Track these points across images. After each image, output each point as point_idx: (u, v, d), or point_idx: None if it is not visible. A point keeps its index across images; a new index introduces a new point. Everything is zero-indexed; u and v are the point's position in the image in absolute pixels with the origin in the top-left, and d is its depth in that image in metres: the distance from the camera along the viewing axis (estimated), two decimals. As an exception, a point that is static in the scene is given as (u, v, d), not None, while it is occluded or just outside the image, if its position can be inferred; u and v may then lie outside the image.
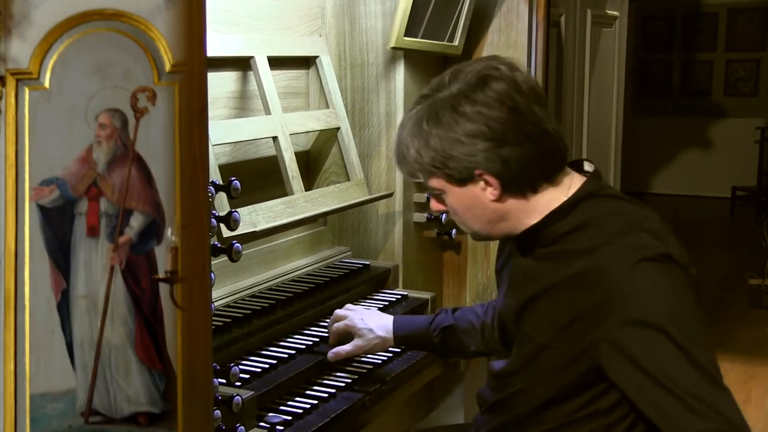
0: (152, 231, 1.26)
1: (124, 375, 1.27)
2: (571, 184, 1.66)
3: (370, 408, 1.98)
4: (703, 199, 9.55)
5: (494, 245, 2.75)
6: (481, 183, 1.61)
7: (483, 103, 1.56)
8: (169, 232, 1.25)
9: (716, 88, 9.82)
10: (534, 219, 1.64)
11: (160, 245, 1.25)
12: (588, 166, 1.71)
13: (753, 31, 9.53)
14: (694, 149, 9.84)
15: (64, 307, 1.26)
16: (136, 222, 1.26)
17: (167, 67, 1.24)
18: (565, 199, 1.63)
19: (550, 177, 1.63)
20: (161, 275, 1.25)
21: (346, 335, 2.09)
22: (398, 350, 2.18)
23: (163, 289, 1.25)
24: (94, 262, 1.26)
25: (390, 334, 2.09)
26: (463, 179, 1.61)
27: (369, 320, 2.11)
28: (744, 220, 8.44)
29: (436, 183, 1.66)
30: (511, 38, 2.70)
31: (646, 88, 10.07)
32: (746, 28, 9.58)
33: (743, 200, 8.97)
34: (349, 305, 2.20)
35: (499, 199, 1.62)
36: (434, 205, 1.75)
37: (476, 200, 1.64)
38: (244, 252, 1.78)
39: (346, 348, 2.05)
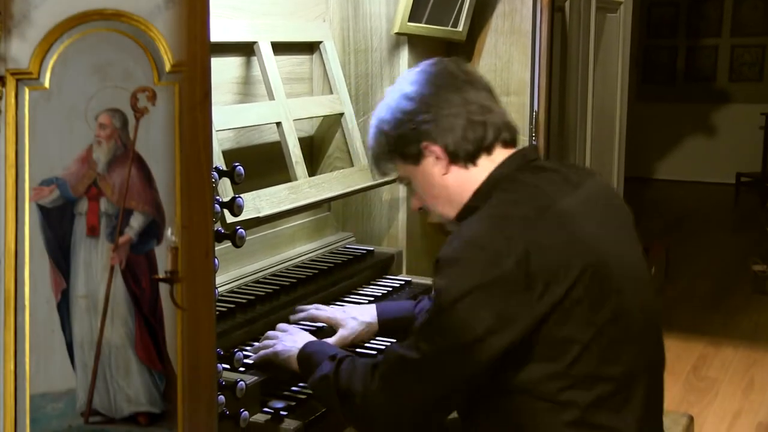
0: (152, 231, 1.26)
1: (124, 375, 1.27)
2: (502, 157, 1.71)
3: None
4: (707, 185, 9.53)
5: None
6: (432, 157, 1.71)
7: (419, 82, 1.73)
8: (169, 232, 1.25)
9: (721, 74, 9.78)
10: (474, 189, 1.71)
11: (160, 245, 1.25)
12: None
13: (758, 17, 9.48)
14: (698, 135, 9.81)
15: (64, 307, 1.26)
16: (136, 222, 1.26)
17: (167, 67, 1.24)
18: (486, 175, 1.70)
19: (489, 148, 1.71)
20: (161, 275, 1.25)
21: (328, 331, 2.08)
22: (392, 341, 2.17)
23: (163, 289, 1.25)
24: (94, 262, 1.26)
25: (375, 320, 2.09)
26: (416, 155, 1.73)
27: (350, 310, 2.11)
28: (748, 207, 8.43)
29: (401, 170, 1.79)
30: (515, 23, 2.69)
31: (651, 73, 10.03)
32: (751, 13, 9.53)
33: (747, 186, 8.95)
34: (317, 305, 2.17)
35: (447, 171, 1.71)
36: (413, 203, 1.86)
37: (431, 178, 1.73)
38: (247, 238, 1.78)
39: (330, 339, 2.01)
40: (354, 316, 2.08)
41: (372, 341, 2.10)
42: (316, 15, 2.53)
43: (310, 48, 2.52)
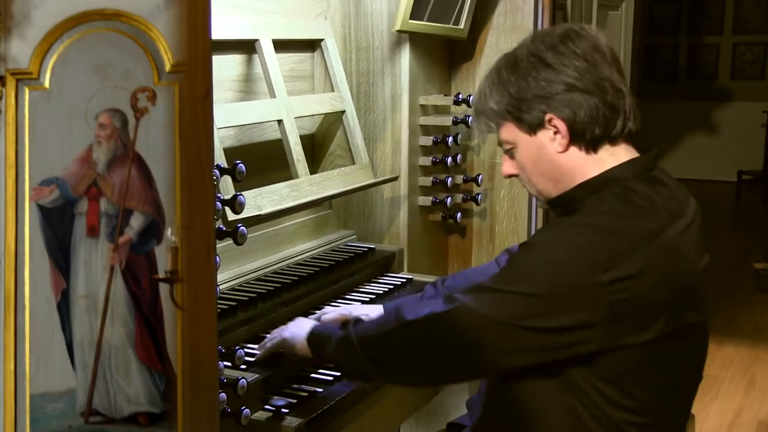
0: (152, 231, 1.25)
1: (124, 375, 1.27)
2: (624, 155, 1.63)
3: (375, 391, 1.98)
4: (708, 183, 9.53)
5: (500, 229, 2.75)
6: (551, 132, 1.62)
7: (561, 53, 1.60)
8: (169, 232, 1.25)
9: (723, 72, 9.78)
10: (588, 177, 1.63)
11: (160, 245, 1.25)
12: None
13: (760, 15, 9.48)
14: (700, 133, 9.81)
15: (64, 307, 1.26)
16: (136, 222, 1.26)
17: (167, 67, 1.24)
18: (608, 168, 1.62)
19: (614, 139, 1.62)
20: (161, 275, 1.25)
21: None
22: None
23: (163, 289, 1.25)
24: (94, 262, 1.26)
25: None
26: (534, 125, 1.62)
27: (360, 308, 2.10)
28: (750, 204, 8.43)
29: (508, 134, 1.67)
30: (517, 21, 2.69)
31: (653, 71, 10.03)
32: (753, 11, 9.53)
33: (749, 184, 8.94)
34: (324, 309, 2.15)
35: (565, 150, 1.62)
36: (505, 168, 1.74)
37: (543, 152, 1.63)
38: (249, 235, 1.78)
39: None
40: (366, 313, 2.06)
41: None
42: (318, 13, 2.53)
43: (311, 46, 2.52)
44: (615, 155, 1.62)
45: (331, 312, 2.10)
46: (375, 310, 2.09)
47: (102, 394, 1.27)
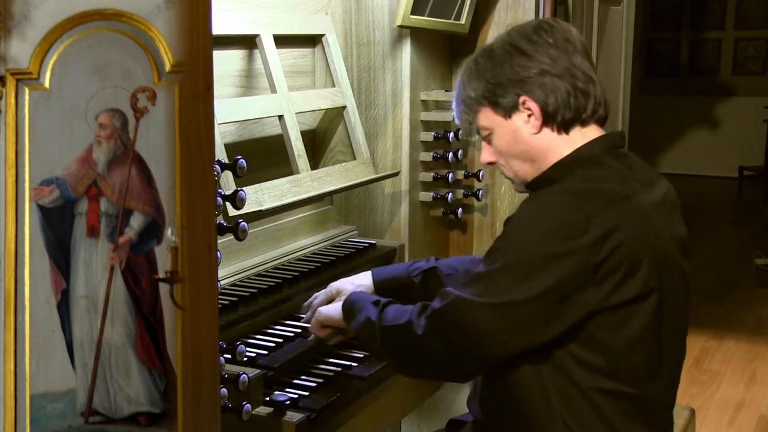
0: (152, 231, 1.26)
1: (124, 375, 1.27)
2: (594, 134, 1.71)
3: (376, 386, 1.99)
4: (710, 179, 9.52)
5: (500, 225, 2.75)
6: (525, 114, 1.70)
7: (534, 41, 1.69)
8: (169, 232, 1.25)
9: (724, 67, 9.77)
10: (561, 156, 1.70)
11: (160, 245, 1.25)
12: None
13: (762, 9, 9.46)
14: (701, 128, 9.79)
15: (64, 306, 1.26)
16: (136, 222, 1.26)
17: (167, 67, 1.24)
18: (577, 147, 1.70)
19: (584, 121, 1.70)
20: (161, 275, 1.25)
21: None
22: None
23: (163, 289, 1.26)
24: (94, 262, 1.26)
25: (370, 282, 2.12)
26: (509, 108, 1.71)
27: (344, 280, 2.14)
28: (751, 200, 8.42)
29: (485, 120, 1.76)
30: (518, 16, 2.69)
31: (654, 66, 10.01)
32: (755, 6, 9.51)
33: (750, 180, 8.93)
34: (314, 294, 2.17)
35: (538, 131, 1.70)
36: (484, 155, 1.82)
37: (518, 134, 1.71)
38: (250, 231, 1.78)
39: (326, 307, 2.01)
40: (350, 281, 2.12)
41: None
42: (319, 8, 2.53)
43: (312, 41, 2.52)
44: (585, 135, 1.70)
45: (319, 295, 2.12)
46: (360, 278, 2.13)
47: (102, 394, 1.27)
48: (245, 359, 1.80)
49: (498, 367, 1.67)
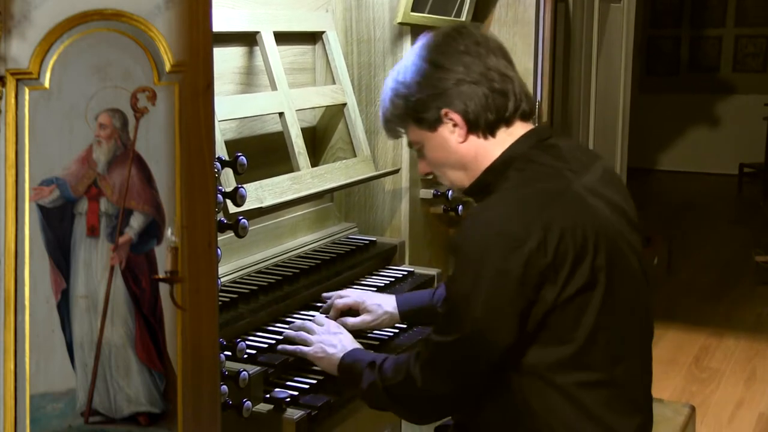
0: (152, 231, 1.26)
1: (124, 375, 1.27)
2: (520, 132, 1.72)
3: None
4: (710, 176, 9.51)
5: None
6: (449, 125, 1.71)
7: (445, 52, 1.70)
8: (169, 232, 1.25)
9: (725, 65, 9.75)
10: (492, 160, 1.71)
11: (160, 245, 1.25)
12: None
13: (762, 7, 9.44)
14: (701, 126, 9.78)
15: (64, 306, 1.26)
16: (136, 222, 1.26)
17: (167, 67, 1.24)
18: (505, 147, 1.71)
19: (508, 120, 1.71)
20: (161, 275, 1.25)
21: (349, 313, 2.12)
22: (404, 326, 2.19)
23: (163, 289, 1.25)
24: (94, 262, 1.26)
25: (396, 310, 2.12)
26: (433, 122, 1.72)
27: (374, 297, 2.15)
28: (751, 197, 8.41)
29: (414, 136, 1.78)
30: (519, 13, 2.69)
31: (654, 64, 10.00)
32: (755, 3, 9.49)
33: (751, 177, 8.92)
34: (339, 292, 2.20)
35: (465, 140, 1.71)
36: (420, 167, 1.85)
37: (447, 144, 1.72)
38: (250, 228, 1.78)
39: (352, 320, 2.08)
40: (379, 303, 2.12)
41: (389, 329, 2.16)
42: (319, 5, 2.53)
43: (312, 38, 2.51)
44: (512, 134, 1.72)
45: (347, 297, 2.14)
46: (388, 300, 2.14)
47: (102, 394, 1.27)
48: (246, 356, 1.81)
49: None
